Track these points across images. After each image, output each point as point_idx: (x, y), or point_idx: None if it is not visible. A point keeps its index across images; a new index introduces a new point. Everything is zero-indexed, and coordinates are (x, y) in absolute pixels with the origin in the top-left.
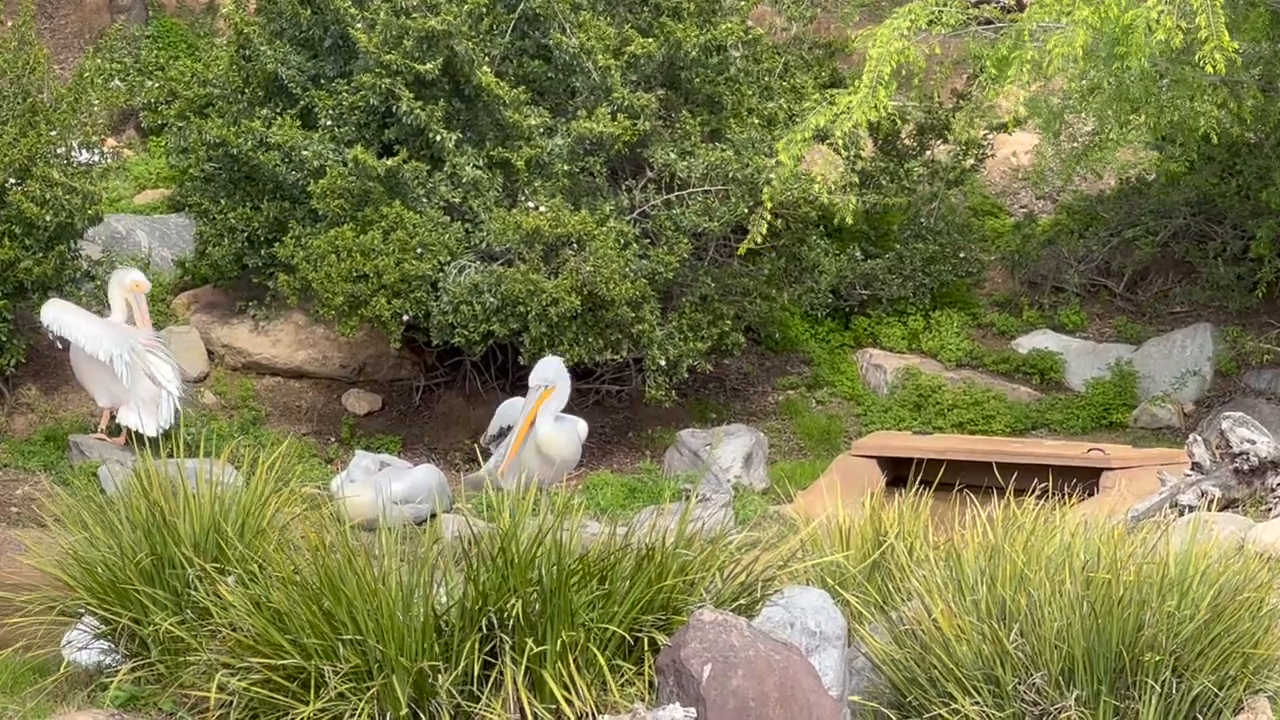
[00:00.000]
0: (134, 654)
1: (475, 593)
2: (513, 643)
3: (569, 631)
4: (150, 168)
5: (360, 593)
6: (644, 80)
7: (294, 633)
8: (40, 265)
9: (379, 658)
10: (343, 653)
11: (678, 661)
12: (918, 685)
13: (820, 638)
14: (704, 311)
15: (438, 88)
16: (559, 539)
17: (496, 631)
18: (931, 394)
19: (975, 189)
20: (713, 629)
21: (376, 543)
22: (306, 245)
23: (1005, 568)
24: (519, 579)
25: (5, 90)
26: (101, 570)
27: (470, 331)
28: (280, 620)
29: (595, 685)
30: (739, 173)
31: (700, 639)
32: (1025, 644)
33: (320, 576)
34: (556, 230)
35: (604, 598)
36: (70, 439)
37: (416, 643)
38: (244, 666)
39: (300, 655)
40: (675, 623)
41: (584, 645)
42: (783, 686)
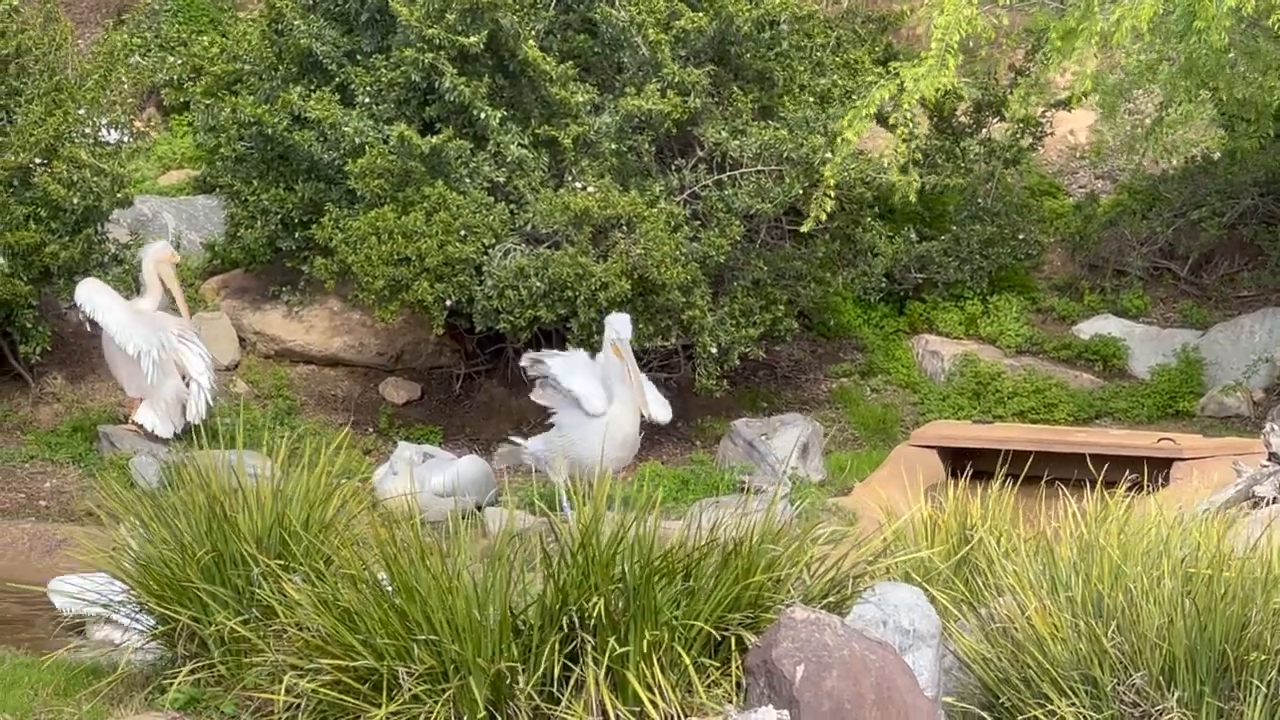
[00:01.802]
0: (193, 654)
1: (556, 591)
2: (595, 643)
3: (653, 631)
4: (174, 147)
5: (436, 591)
6: (693, 55)
7: (365, 632)
8: (67, 249)
9: (455, 659)
10: (417, 653)
11: (769, 662)
12: (1011, 685)
13: (914, 636)
14: (756, 296)
15: (480, 63)
16: (642, 534)
17: (578, 631)
18: (991, 381)
19: (1031, 168)
20: (805, 628)
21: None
22: (345, 227)
23: (1103, 563)
24: (600, 576)
25: (30, 68)
26: (159, 567)
27: (516, 317)
28: (350, 619)
29: (680, 686)
30: (794, 152)
31: (792, 638)
32: (1123, 642)
33: (392, 574)
34: (606, 211)
35: (688, 595)
36: (100, 430)
37: (494, 643)
38: (313, 668)
39: (372, 656)
40: (763, 621)
41: (668, 645)
42: (879, 688)
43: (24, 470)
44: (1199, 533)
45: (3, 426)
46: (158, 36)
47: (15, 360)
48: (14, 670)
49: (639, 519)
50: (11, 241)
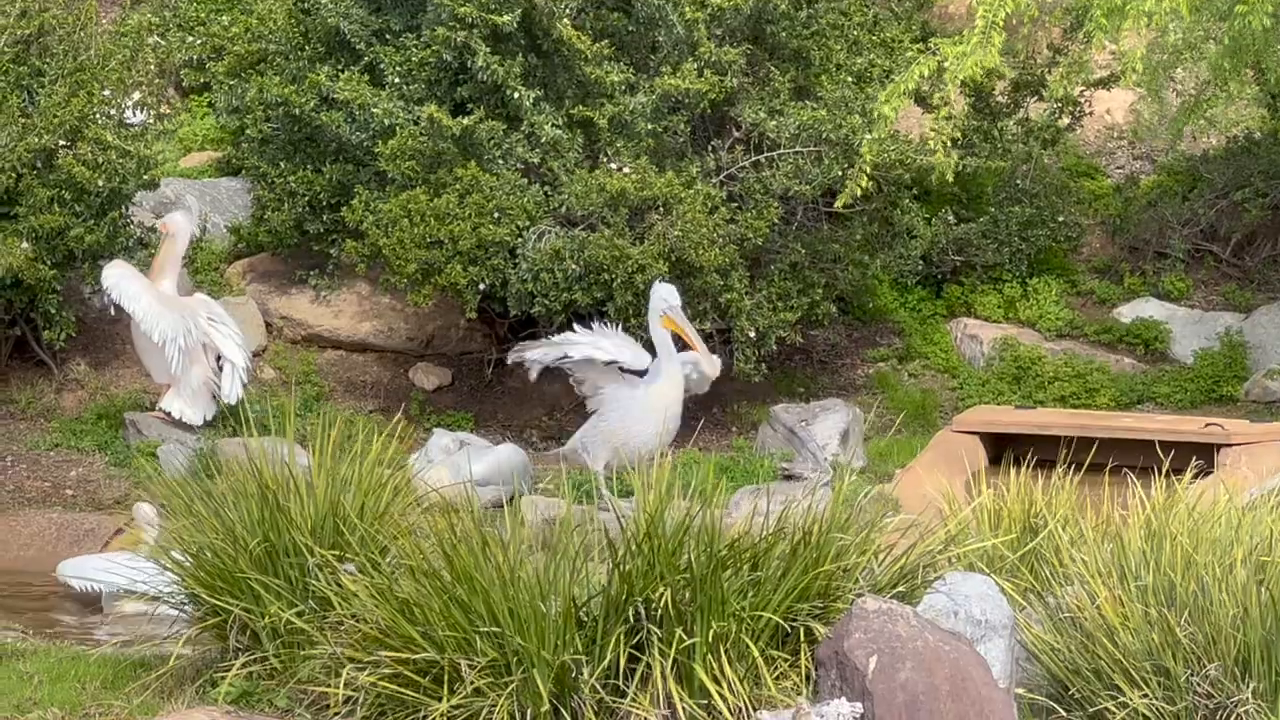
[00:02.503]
0: (245, 647)
1: (621, 581)
2: (661, 634)
3: (719, 621)
4: (195, 129)
5: (498, 582)
6: (729, 34)
7: (424, 624)
8: (92, 233)
9: (518, 651)
10: (479, 646)
11: (841, 653)
12: (1081, 676)
13: (986, 627)
14: (793, 279)
15: (513, 42)
16: (708, 522)
17: (643, 622)
18: (1031, 366)
19: (1068, 149)
20: (877, 618)
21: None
22: (376, 209)
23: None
24: (666, 566)
25: (54, 48)
26: (209, 557)
27: (551, 301)
28: (409, 611)
29: (748, 679)
30: (832, 133)
31: (864, 629)
32: (1196, 632)
33: (451, 565)
34: (642, 193)
35: (754, 585)
36: (126, 417)
37: (558, 635)
38: (372, 660)
39: (433, 648)
40: (832, 611)
41: (736, 636)
42: (953, 679)
43: (49, 458)
44: (1271, 520)
45: (26, 414)
46: (176, 16)
47: (38, 346)
48: (60, 663)
49: (705, 507)
50: (35, 225)
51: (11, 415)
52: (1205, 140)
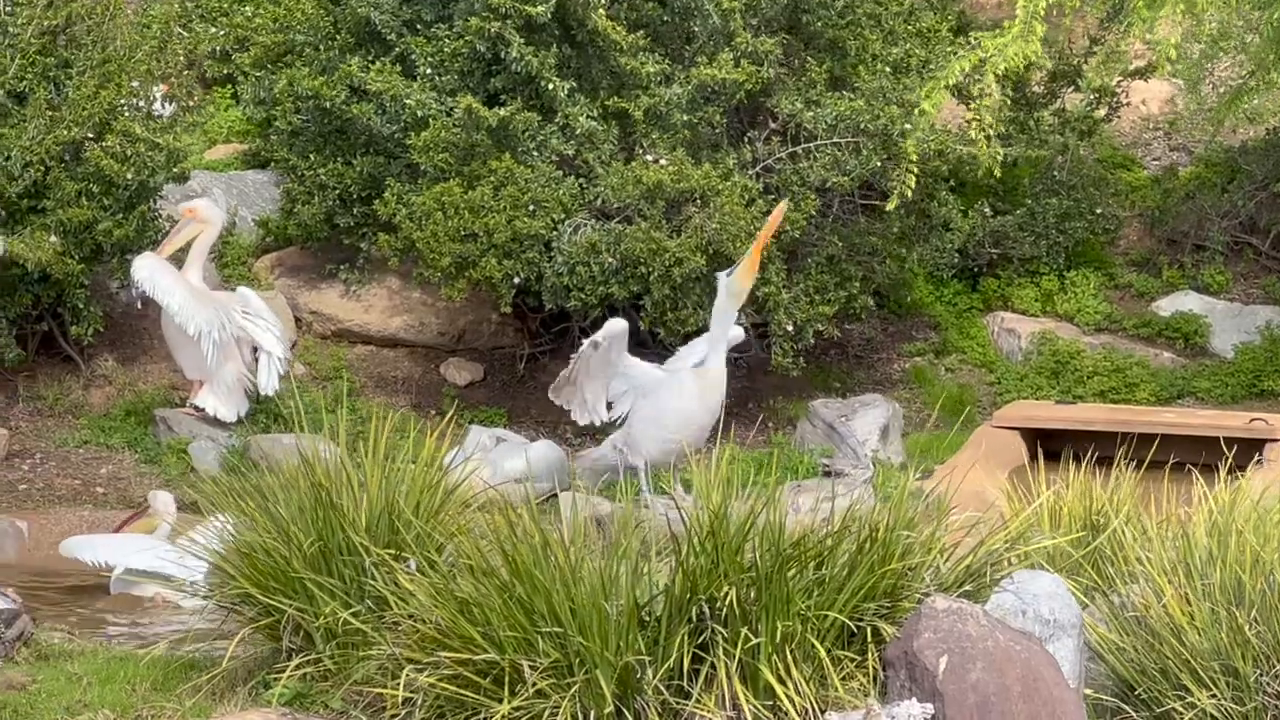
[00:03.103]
0: (299, 648)
1: (685, 580)
2: (726, 634)
3: (785, 621)
4: (219, 121)
5: (560, 582)
6: (764, 24)
7: (484, 624)
8: (121, 227)
9: (581, 651)
10: (542, 646)
11: (910, 653)
12: (1147, 676)
13: (1054, 626)
14: (830, 273)
15: (547, 33)
16: (772, 520)
17: (708, 622)
18: (1070, 360)
19: (1104, 140)
20: (947, 618)
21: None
22: (409, 202)
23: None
24: (730, 565)
25: (81, 38)
26: (262, 557)
27: (587, 294)
28: (469, 611)
29: (814, 679)
30: (870, 124)
31: (934, 629)
32: (1266, 631)
33: (512, 564)
34: (679, 185)
35: (819, 584)
36: (156, 414)
37: (620, 635)
38: (432, 661)
39: (493, 649)
40: (899, 611)
41: (802, 636)
42: (1025, 680)
43: (78, 455)
44: None
45: (54, 410)
46: (198, 6)
47: (65, 342)
48: (109, 664)
49: (769, 504)
50: (64, 219)
51: (39, 412)
52: (1244, 131)
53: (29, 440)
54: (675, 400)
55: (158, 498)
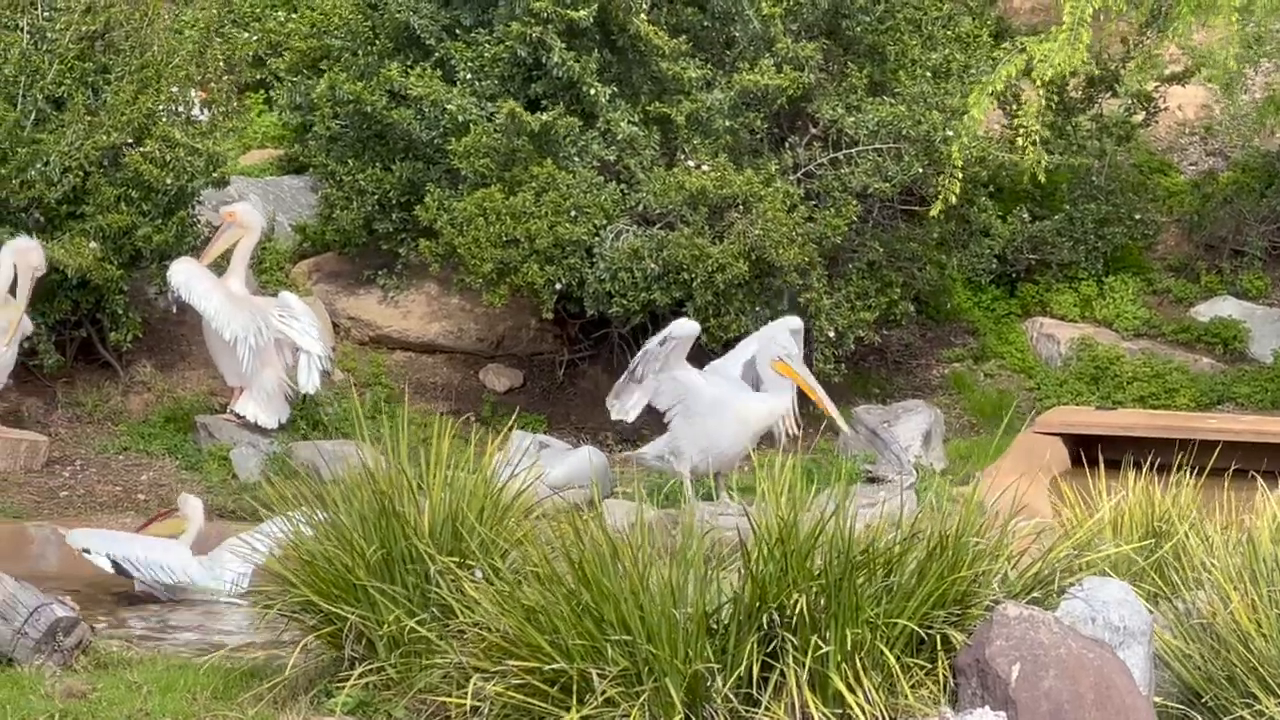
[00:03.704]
0: (361, 656)
1: (754, 587)
2: (796, 641)
3: (854, 629)
4: (254, 126)
5: (629, 589)
6: (804, 29)
7: (551, 632)
8: (160, 232)
9: (649, 659)
10: (611, 654)
11: (982, 661)
12: (1214, 683)
13: (1124, 633)
14: (871, 279)
15: (588, 37)
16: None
17: (777, 629)
18: (1109, 366)
19: (1139, 145)
20: (1019, 625)
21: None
22: (450, 208)
23: None
24: (799, 572)
25: (120, 44)
26: (324, 564)
27: (629, 300)
28: (535, 619)
29: (883, 687)
30: (912, 129)
31: (1005, 636)
32: None
33: (580, 572)
34: (722, 191)
35: (888, 591)
36: (197, 420)
37: (689, 643)
38: (499, 670)
39: (561, 657)
40: (968, 618)
41: (871, 644)
42: (1098, 687)
43: (119, 462)
44: None
45: (94, 417)
46: (231, 12)
47: (104, 348)
48: (168, 673)
49: (838, 511)
50: (103, 224)
51: (78, 418)
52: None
53: (69, 447)
54: (724, 428)
55: (188, 502)
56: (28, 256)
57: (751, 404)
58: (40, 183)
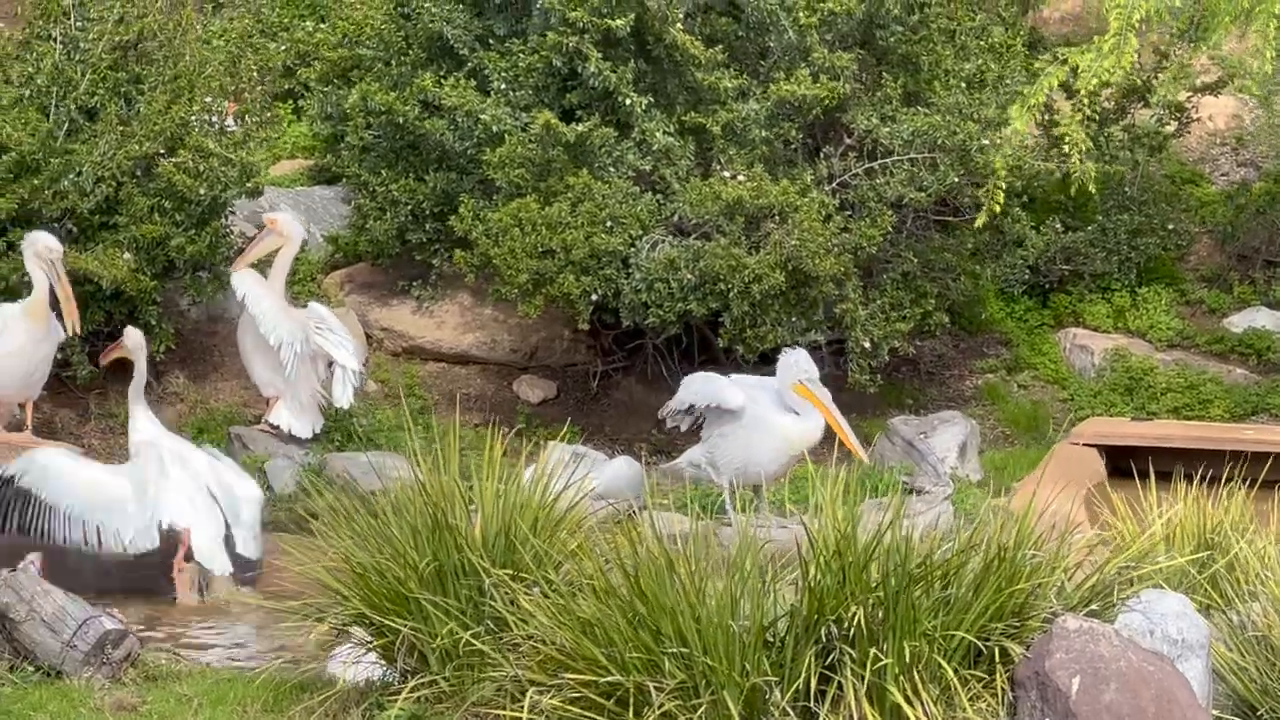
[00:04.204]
0: (415, 670)
1: (812, 600)
2: (854, 654)
3: (911, 641)
4: (283, 136)
5: (686, 602)
6: (839, 39)
7: (606, 645)
8: (193, 243)
9: (707, 672)
10: (668, 667)
11: (1041, 673)
12: (1270, 696)
13: (1182, 646)
14: (905, 289)
15: (623, 47)
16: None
17: (835, 642)
18: (1143, 377)
19: (1170, 156)
20: (1078, 638)
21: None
22: (485, 218)
23: None
24: (857, 584)
25: (153, 54)
26: (375, 577)
27: (665, 311)
28: (591, 632)
29: (941, 700)
30: (947, 139)
31: (1065, 649)
32: None
33: (636, 584)
34: (759, 201)
35: (944, 603)
36: (231, 431)
37: (747, 656)
38: (555, 683)
39: (617, 670)
40: (1026, 631)
41: (929, 656)
42: (1159, 701)
43: None
44: None
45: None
46: (259, 22)
47: None
48: (218, 686)
49: (894, 523)
50: (136, 235)
51: (111, 430)
52: None
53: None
54: (765, 445)
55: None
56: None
57: (792, 424)
58: (73, 193)
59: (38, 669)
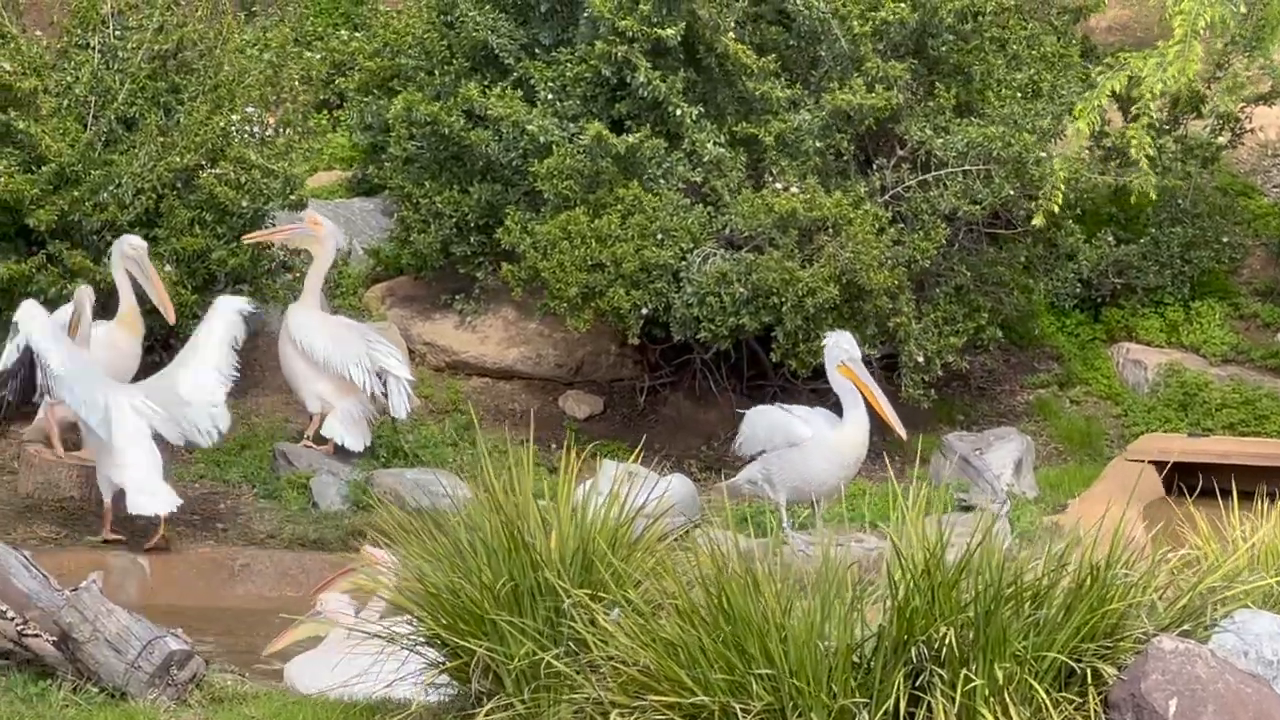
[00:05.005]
0: (490, 692)
1: (901, 620)
2: (945, 675)
3: (1002, 662)
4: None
5: (772, 621)
6: (891, 48)
7: (689, 666)
8: (235, 256)
9: (794, 694)
10: (755, 689)
11: (1137, 695)
12: None
13: (1277, 667)
14: (958, 303)
15: (673, 57)
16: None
17: (925, 663)
18: (1198, 392)
19: (1222, 167)
20: (1175, 659)
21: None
22: (533, 231)
23: None
24: (946, 604)
25: (194, 63)
26: (450, 597)
27: (717, 325)
28: (674, 652)
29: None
30: (1003, 151)
31: (1161, 670)
32: None
33: (719, 604)
34: (812, 214)
35: (1035, 624)
36: (276, 448)
37: (835, 677)
38: (639, 705)
39: (701, 691)
40: (1118, 651)
41: (1020, 678)
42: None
43: (195, 490)
44: None
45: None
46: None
47: None
48: (286, 708)
49: (984, 541)
50: (178, 248)
51: None
52: None
53: None
54: (818, 460)
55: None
56: (122, 247)
57: (842, 435)
58: (113, 205)
59: (102, 690)
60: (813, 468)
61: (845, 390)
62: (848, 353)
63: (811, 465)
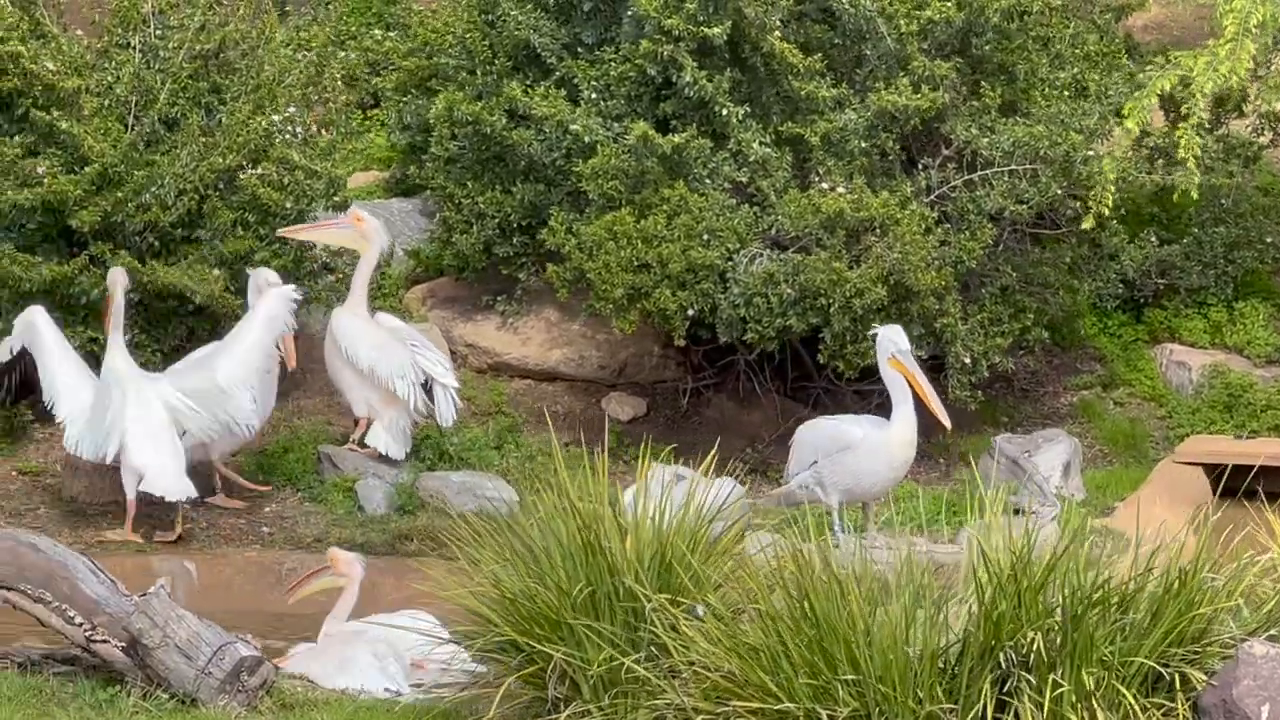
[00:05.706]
0: (567, 698)
1: (988, 625)
2: (1033, 681)
3: (1089, 668)
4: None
5: (857, 627)
6: (936, 48)
7: (774, 671)
8: (278, 257)
9: (880, 700)
10: (841, 695)
11: (1229, 701)
12: None
13: None
14: (1004, 304)
15: (718, 56)
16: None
17: (1013, 668)
18: (1243, 393)
19: (1262, 167)
20: (1266, 664)
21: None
22: (577, 232)
23: None
24: (1033, 609)
25: (236, 63)
26: (526, 603)
27: (764, 327)
28: (758, 658)
29: None
30: (1050, 150)
31: (1253, 675)
32: None
33: (803, 609)
34: (859, 214)
35: (1121, 629)
36: (320, 451)
37: (921, 683)
38: (722, 711)
39: (787, 697)
40: (1206, 656)
41: (1107, 683)
42: None
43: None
44: None
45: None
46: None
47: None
48: (357, 714)
49: (1071, 545)
50: (223, 250)
51: None
52: None
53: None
54: (869, 461)
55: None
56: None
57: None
58: (155, 206)
59: (172, 696)
60: (864, 468)
61: (896, 385)
62: (897, 345)
63: (863, 466)
